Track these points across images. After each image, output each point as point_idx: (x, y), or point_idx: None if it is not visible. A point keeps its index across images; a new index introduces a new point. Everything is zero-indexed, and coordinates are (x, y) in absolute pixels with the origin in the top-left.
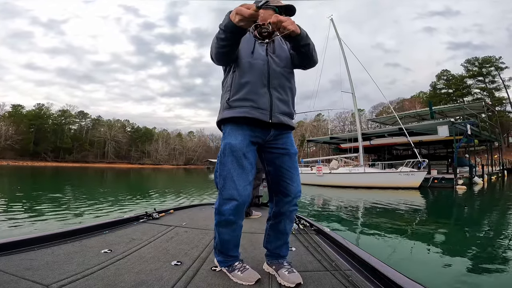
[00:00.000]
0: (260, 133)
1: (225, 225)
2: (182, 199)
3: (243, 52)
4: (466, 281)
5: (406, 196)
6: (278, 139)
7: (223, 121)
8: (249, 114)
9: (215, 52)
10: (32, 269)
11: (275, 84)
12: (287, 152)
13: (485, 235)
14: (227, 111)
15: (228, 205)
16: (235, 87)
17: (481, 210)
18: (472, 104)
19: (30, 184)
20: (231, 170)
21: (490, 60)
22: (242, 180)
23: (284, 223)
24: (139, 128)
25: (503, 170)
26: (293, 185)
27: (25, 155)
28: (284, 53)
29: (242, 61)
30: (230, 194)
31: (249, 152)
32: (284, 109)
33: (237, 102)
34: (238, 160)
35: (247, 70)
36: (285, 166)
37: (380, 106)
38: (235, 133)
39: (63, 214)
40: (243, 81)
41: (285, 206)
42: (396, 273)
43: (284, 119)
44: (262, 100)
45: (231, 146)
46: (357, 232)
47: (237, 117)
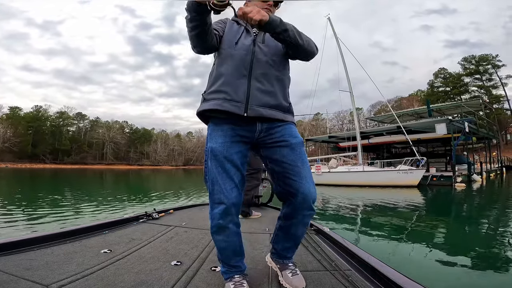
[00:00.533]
0: (245, 129)
1: (217, 231)
2: (182, 199)
3: (225, 43)
4: (466, 280)
5: (405, 194)
6: (272, 133)
7: (200, 117)
8: (220, 106)
9: (188, 37)
10: (32, 269)
11: (257, 74)
12: (286, 143)
13: (484, 233)
14: (202, 104)
15: (217, 209)
16: (212, 79)
17: (480, 208)
18: (470, 102)
19: (29, 186)
20: (215, 174)
21: (487, 58)
22: (228, 183)
23: (296, 228)
24: (138, 129)
25: (502, 168)
26: (301, 182)
27: (24, 157)
28: (275, 43)
29: (223, 51)
30: (218, 197)
31: (232, 154)
32: (268, 100)
33: (211, 95)
34: (221, 164)
35: (226, 60)
36: (287, 160)
37: (378, 105)
38: (215, 135)
39: (63, 215)
40: (220, 71)
41: (297, 209)
42: (396, 273)
43: (267, 112)
44: (237, 91)
45: (212, 150)
46: (357, 232)
47: (207, 110)
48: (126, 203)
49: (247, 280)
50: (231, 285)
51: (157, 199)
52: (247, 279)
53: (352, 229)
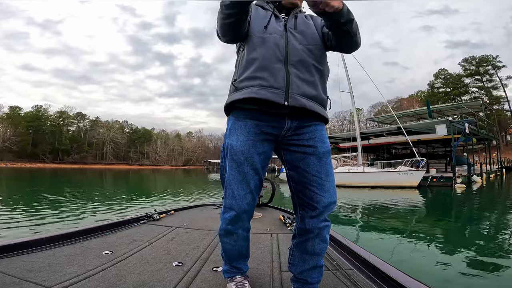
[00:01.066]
0: (271, 125)
1: (225, 235)
2: (182, 200)
3: (255, 28)
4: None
5: (405, 195)
6: (300, 133)
7: (229, 108)
8: (257, 94)
9: (219, 24)
10: (33, 271)
11: (293, 61)
12: (313, 151)
13: (483, 234)
14: (233, 94)
15: (227, 214)
16: (243, 65)
17: (479, 209)
18: (470, 103)
19: (31, 186)
20: (230, 176)
21: (487, 59)
22: (242, 188)
23: (313, 243)
24: (138, 129)
25: (502, 169)
26: (323, 195)
27: (24, 156)
28: (309, 30)
29: (253, 36)
30: (229, 203)
31: (254, 155)
32: (309, 90)
33: (243, 82)
34: (238, 166)
35: (258, 44)
36: (311, 170)
37: (379, 106)
38: (236, 131)
39: (63, 216)
40: (252, 56)
41: (312, 221)
42: (398, 272)
43: (309, 104)
44: (275, 76)
45: (232, 149)
46: (358, 231)
47: (239, 100)
48: (126, 204)
49: (248, 280)
50: (232, 286)
51: (157, 199)
52: (249, 280)
53: (353, 228)
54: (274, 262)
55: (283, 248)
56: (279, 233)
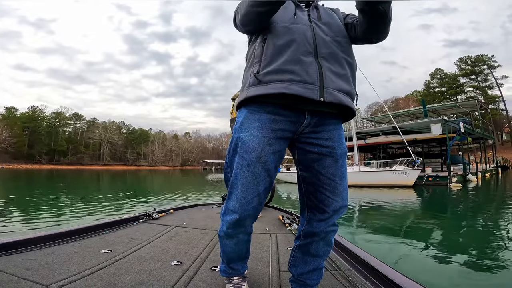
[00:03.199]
0: (291, 119)
1: (225, 237)
2: (180, 200)
3: (278, 17)
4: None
5: (401, 194)
6: (319, 131)
7: (246, 103)
8: (288, 90)
9: (245, 11)
10: (32, 269)
11: (324, 54)
12: (331, 152)
13: (478, 232)
14: (255, 87)
15: (229, 217)
16: (268, 57)
17: (474, 208)
18: (465, 102)
19: (28, 187)
20: (238, 175)
21: (483, 58)
22: (250, 191)
23: (317, 246)
24: (135, 129)
25: (497, 167)
26: (335, 199)
27: (20, 158)
28: (334, 21)
29: (277, 26)
30: (233, 205)
31: (269, 154)
32: (344, 85)
33: (270, 75)
34: (249, 165)
35: (284, 35)
36: (326, 172)
37: (376, 105)
38: (249, 125)
39: (61, 217)
40: (279, 48)
41: (320, 225)
42: (396, 272)
43: (346, 99)
44: (307, 70)
45: (243, 144)
46: (356, 232)
47: (269, 94)
48: (124, 204)
49: (247, 281)
50: (230, 287)
51: (155, 199)
52: (247, 281)
53: (350, 229)
54: (273, 262)
55: (282, 248)
56: (278, 233)
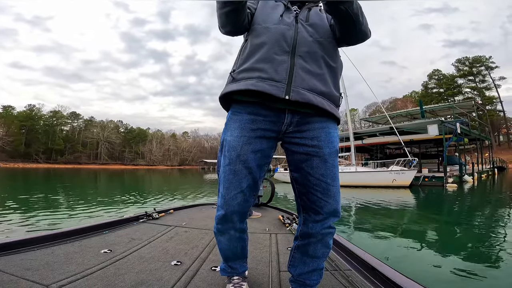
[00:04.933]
0: (271, 119)
1: (217, 233)
2: (179, 200)
3: (260, 18)
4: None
5: (397, 194)
6: (303, 130)
7: (224, 101)
8: (255, 86)
9: (217, 14)
10: (32, 269)
11: (301, 52)
12: (317, 152)
13: (474, 233)
14: (230, 85)
15: (218, 213)
16: (244, 56)
17: (469, 208)
18: (462, 103)
19: (26, 186)
20: (222, 173)
21: (480, 59)
22: (233, 187)
23: (315, 247)
24: (133, 128)
25: (494, 168)
26: (328, 201)
27: (16, 156)
28: (322, 23)
29: (257, 26)
30: (219, 202)
31: (248, 153)
32: (317, 85)
33: (242, 73)
34: (230, 163)
35: (262, 35)
36: (315, 173)
37: (374, 106)
38: (232, 126)
39: (60, 217)
40: (254, 47)
41: (315, 226)
42: (396, 272)
43: (316, 99)
44: (276, 68)
45: (226, 144)
46: (355, 232)
47: (235, 92)
48: (122, 205)
49: (247, 281)
50: (230, 287)
51: (154, 200)
52: (247, 281)
53: (349, 229)
54: (273, 262)
55: (282, 248)
56: (278, 233)
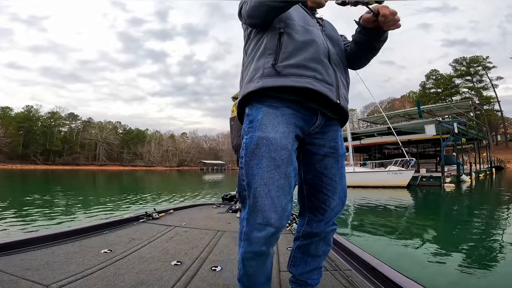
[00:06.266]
0: (306, 118)
1: (253, 258)
2: (178, 201)
3: (294, 15)
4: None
5: (395, 194)
6: (325, 131)
7: (255, 95)
8: (313, 86)
9: (257, 3)
10: (32, 269)
11: (335, 61)
12: (333, 153)
13: (471, 232)
14: (272, 78)
15: (263, 232)
16: (288, 50)
17: (466, 207)
18: (460, 103)
19: (24, 187)
20: (267, 180)
21: (478, 59)
22: (284, 196)
23: (317, 246)
24: (131, 129)
25: (491, 168)
26: (334, 198)
27: (14, 158)
28: (337, 36)
29: (295, 23)
30: (266, 217)
31: (294, 151)
32: (346, 95)
33: (291, 69)
34: (278, 166)
35: (304, 33)
36: (328, 173)
37: (372, 106)
38: (272, 120)
39: (59, 217)
40: (301, 44)
41: (320, 225)
42: (396, 272)
43: (347, 108)
44: (327, 71)
45: (269, 143)
46: (354, 232)
47: (290, 87)
48: (120, 205)
49: None
50: None
51: (152, 201)
52: None
53: (349, 229)
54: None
55: (282, 248)
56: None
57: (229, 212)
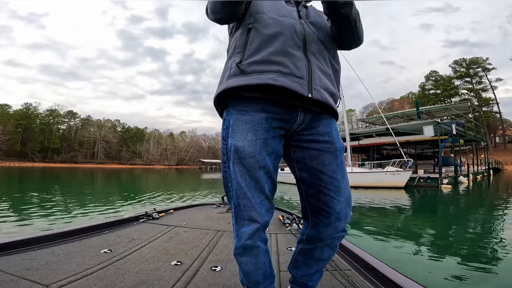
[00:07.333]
0: (283, 117)
1: (243, 253)
2: (177, 200)
3: (265, 8)
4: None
5: (393, 195)
6: (314, 127)
7: (224, 96)
8: (275, 81)
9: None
10: (32, 269)
11: (314, 50)
12: (329, 147)
13: (469, 232)
14: (236, 78)
15: (248, 227)
16: (253, 46)
17: (463, 208)
18: (458, 105)
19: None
20: (242, 184)
21: (477, 61)
22: (257, 196)
23: (321, 251)
24: (130, 128)
25: (489, 170)
26: (340, 199)
27: (12, 155)
28: (322, 21)
29: (264, 16)
30: (248, 215)
31: (265, 157)
32: (328, 84)
33: (255, 66)
34: (249, 171)
35: (272, 26)
36: (327, 170)
37: (371, 106)
38: (242, 128)
39: (58, 217)
40: (266, 38)
41: (326, 230)
42: (396, 272)
43: (330, 99)
44: (296, 64)
45: (238, 151)
46: (353, 232)
47: (252, 85)
48: (120, 205)
49: None
50: None
51: (152, 199)
52: None
53: (349, 229)
54: (273, 262)
55: (282, 248)
56: (278, 233)
57: (229, 212)
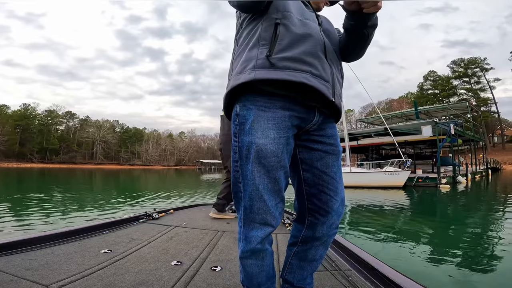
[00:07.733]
0: (302, 116)
1: (250, 256)
2: (176, 201)
3: (291, 6)
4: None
5: (391, 195)
6: (323, 129)
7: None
8: (310, 81)
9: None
10: (32, 269)
11: (331, 57)
12: (333, 150)
13: (468, 232)
14: (266, 70)
15: (261, 231)
16: (284, 42)
17: (461, 208)
18: (456, 105)
19: (22, 186)
20: (259, 185)
21: (476, 61)
22: (274, 198)
23: (316, 250)
24: (129, 128)
25: (487, 169)
26: (336, 198)
27: (10, 156)
28: (333, 30)
29: (292, 15)
30: (262, 218)
31: (285, 156)
32: (340, 91)
33: (287, 62)
34: (270, 171)
35: (301, 26)
36: (329, 171)
37: (370, 106)
38: (263, 125)
39: (57, 216)
40: (298, 37)
41: (323, 229)
42: (396, 272)
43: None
44: (324, 67)
45: (259, 150)
46: (353, 232)
47: (285, 81)
48: (119, 205)
49: None
50: None
51: (151, 200)
52: None
53: (348, 229)
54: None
55: (282, 248)
56: (278, 233)
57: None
